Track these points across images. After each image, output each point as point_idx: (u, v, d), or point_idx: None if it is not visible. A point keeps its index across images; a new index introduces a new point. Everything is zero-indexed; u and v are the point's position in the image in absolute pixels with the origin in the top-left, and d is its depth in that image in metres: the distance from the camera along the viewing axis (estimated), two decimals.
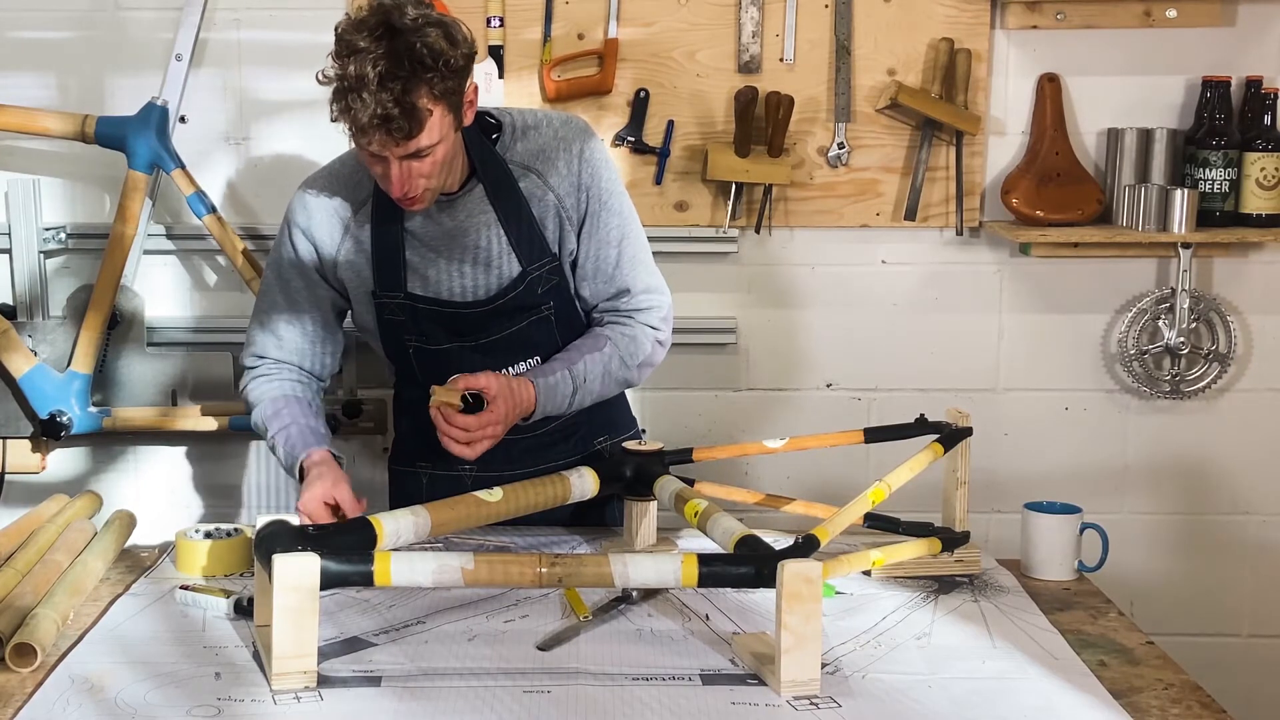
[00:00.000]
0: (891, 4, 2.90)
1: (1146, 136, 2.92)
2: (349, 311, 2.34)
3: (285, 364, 2.31)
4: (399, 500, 2.34)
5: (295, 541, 1.74)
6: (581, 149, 2.23)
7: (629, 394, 2.51)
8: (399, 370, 2.37)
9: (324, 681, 1.71)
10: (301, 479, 2.16)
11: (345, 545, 1.78)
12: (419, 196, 2.10)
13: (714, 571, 1.76)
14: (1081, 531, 2.15)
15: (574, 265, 2.27)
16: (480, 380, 2.11)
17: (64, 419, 2.85)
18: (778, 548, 1.82)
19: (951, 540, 2.09)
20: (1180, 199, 2.85)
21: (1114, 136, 2.94)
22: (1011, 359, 3.04)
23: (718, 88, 2.91)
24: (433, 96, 1.99)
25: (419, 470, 2.38)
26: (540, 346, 2.27)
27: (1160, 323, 2.99)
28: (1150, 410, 3.05)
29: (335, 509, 2.08)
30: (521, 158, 2.22)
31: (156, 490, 3.04)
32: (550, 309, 2.26)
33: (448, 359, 2.25)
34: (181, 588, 2.00)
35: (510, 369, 2.26)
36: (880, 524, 2.17)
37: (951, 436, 2.11)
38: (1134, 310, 2.99)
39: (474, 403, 2.12)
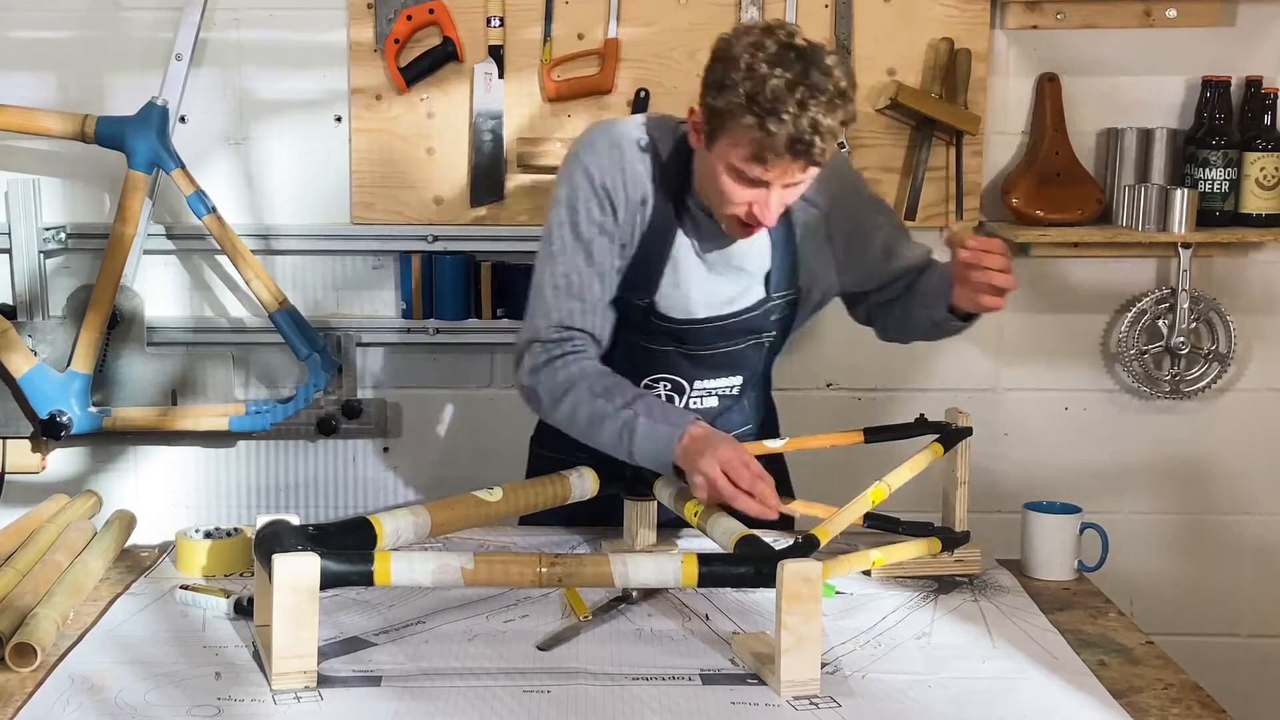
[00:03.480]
0: (891, 4, 2.89)
1: (1146, 136, 2.92)
2: None
3: (585, 337, 2.13)
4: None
5: (295, 541, 1.74)
6: (840, 167, 2.22)
7: None
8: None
9: (324, 681, 1.71)
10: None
11: (345, 545, 1.79)
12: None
13: (714, 571, 1.76)
14: (1081, 531, 2.15)
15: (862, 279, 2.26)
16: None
17: (64, 419, 2.84)
18: (778, 548, 1.82)
19: (951, 540, 2.09)
20: (1180, 199, 2.84)
21: (1114, 136, 2.94)
22: (1012, 359, 3.04)
23: None
24: (840, 125, 1.94)
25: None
26: (747, 370, 2.26)
27: (1160, 323, 2.99)
28: (1150, 410, 3.05)
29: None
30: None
31: (156, 490, 3.04)
32: (771, 337, 2.24)
33: (657, 358, 2.20)
34: (181, 588, 2.00)
35: (711, 381, 2.23)
36: (880, 524, 2.17)
37: (951, 436, 2.11)
38: (1134, 310, 2.99)
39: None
